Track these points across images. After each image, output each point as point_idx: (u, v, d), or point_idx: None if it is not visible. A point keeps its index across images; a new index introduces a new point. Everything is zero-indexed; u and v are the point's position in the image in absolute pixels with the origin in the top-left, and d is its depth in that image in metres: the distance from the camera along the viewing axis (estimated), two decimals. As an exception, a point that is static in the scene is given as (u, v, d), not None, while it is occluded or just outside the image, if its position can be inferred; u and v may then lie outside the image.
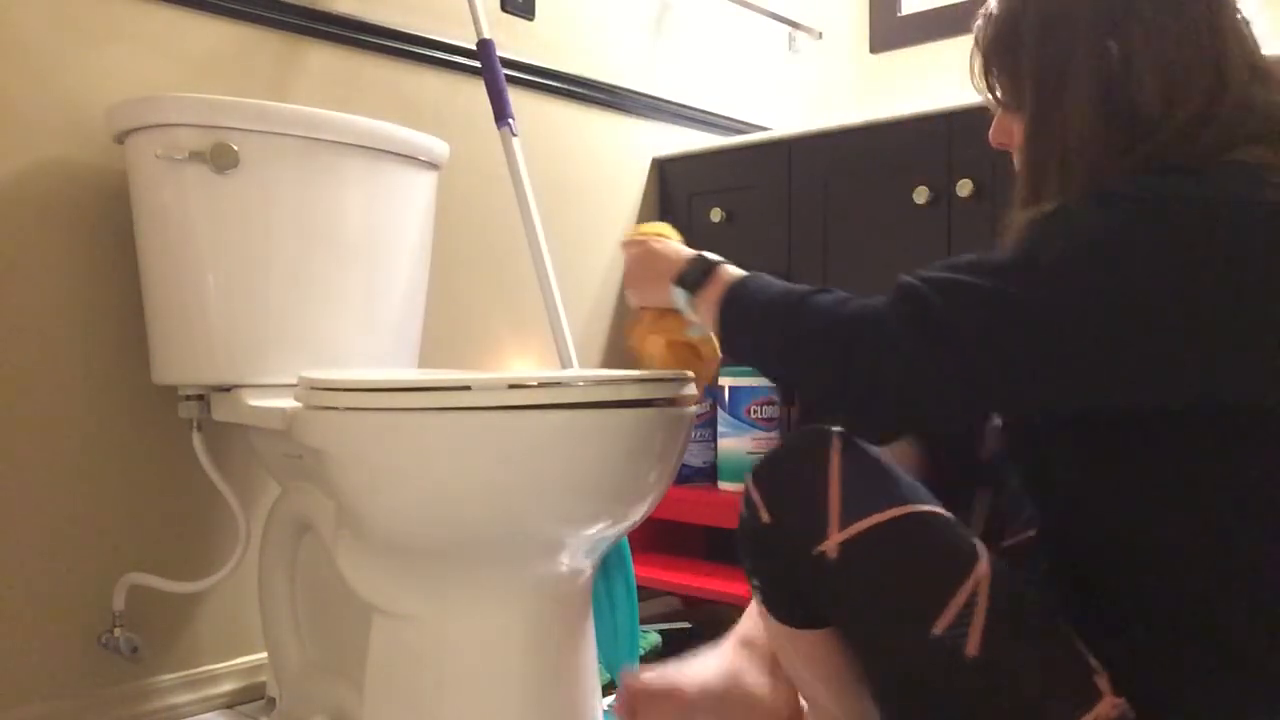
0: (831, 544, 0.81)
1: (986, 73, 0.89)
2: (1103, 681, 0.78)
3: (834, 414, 0.83)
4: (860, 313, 0.80)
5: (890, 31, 2.53)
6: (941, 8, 2.31)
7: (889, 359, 0.77)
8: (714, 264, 0.97)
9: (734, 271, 0.96)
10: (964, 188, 1.67)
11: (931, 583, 0.79)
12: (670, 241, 1.05)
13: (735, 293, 0.92)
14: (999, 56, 0.87)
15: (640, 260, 1.05)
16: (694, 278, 0.97)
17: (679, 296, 0.98)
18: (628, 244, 1.08)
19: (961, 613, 0.78)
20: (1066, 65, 0.81)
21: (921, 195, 1.73)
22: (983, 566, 0.80)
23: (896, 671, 0.83)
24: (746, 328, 0.90)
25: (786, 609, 0.89)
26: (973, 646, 0.77)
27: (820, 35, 2.49)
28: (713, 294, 0.94)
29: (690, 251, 1.00)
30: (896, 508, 0.81)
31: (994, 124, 0.92)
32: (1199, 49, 0.78)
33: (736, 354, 0.92)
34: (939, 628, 0.78)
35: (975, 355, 0.74)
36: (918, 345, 0.76)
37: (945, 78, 2.38)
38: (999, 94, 0.88)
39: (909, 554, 0.80)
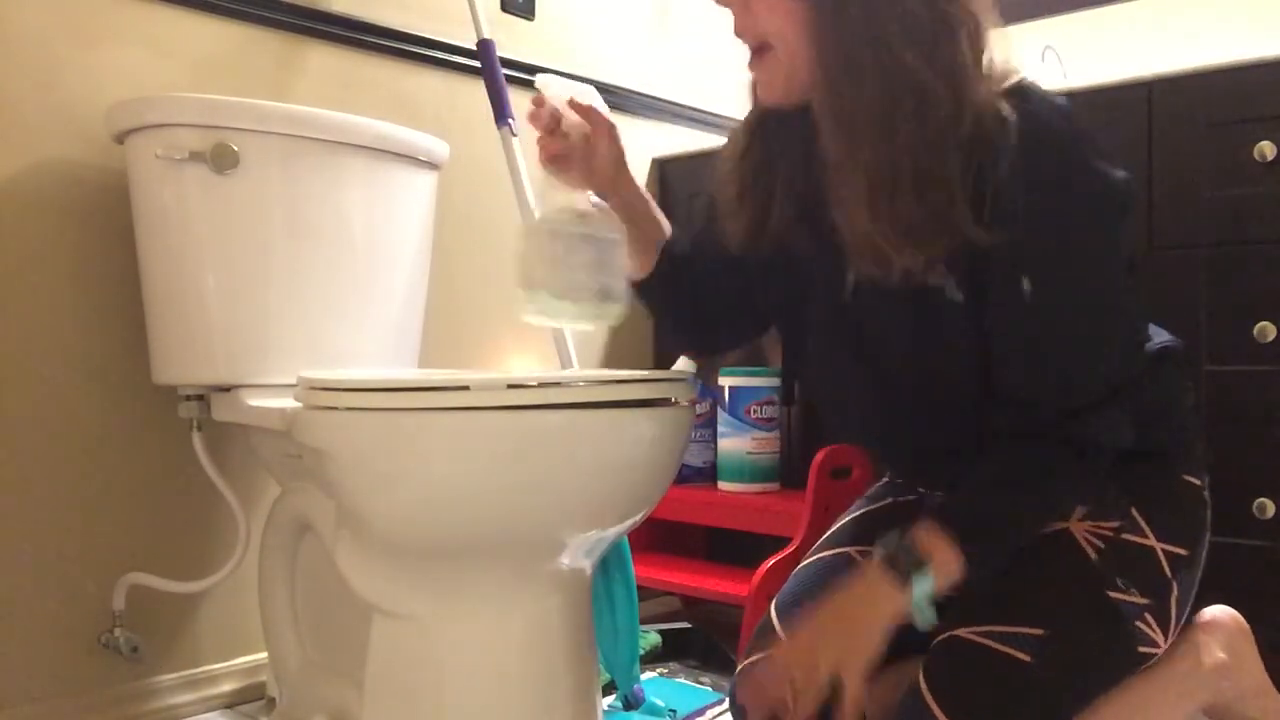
0: None
1: None
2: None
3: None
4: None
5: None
6: (941, 8, 2.31)
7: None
8: (914, 557, 0.88)
9: (936, 547, 0.88)
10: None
11: None
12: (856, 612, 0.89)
13: (975, 551, 0.88)
14: None
15: (830, 621, 0.90)
16: (919, 585, 0.87)
17: (920, 589, 0.88)
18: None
19: None
20: None
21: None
22: None
23: None
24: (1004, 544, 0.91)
25: None
26: None
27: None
28: (947, 569, 0.88)
29: (880, 591, 0.88)
30: None
31: None
32: None
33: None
34: None
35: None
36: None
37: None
38: None
39: None
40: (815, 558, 1.10)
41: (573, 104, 1.05)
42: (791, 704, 0.89)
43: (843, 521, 1.14)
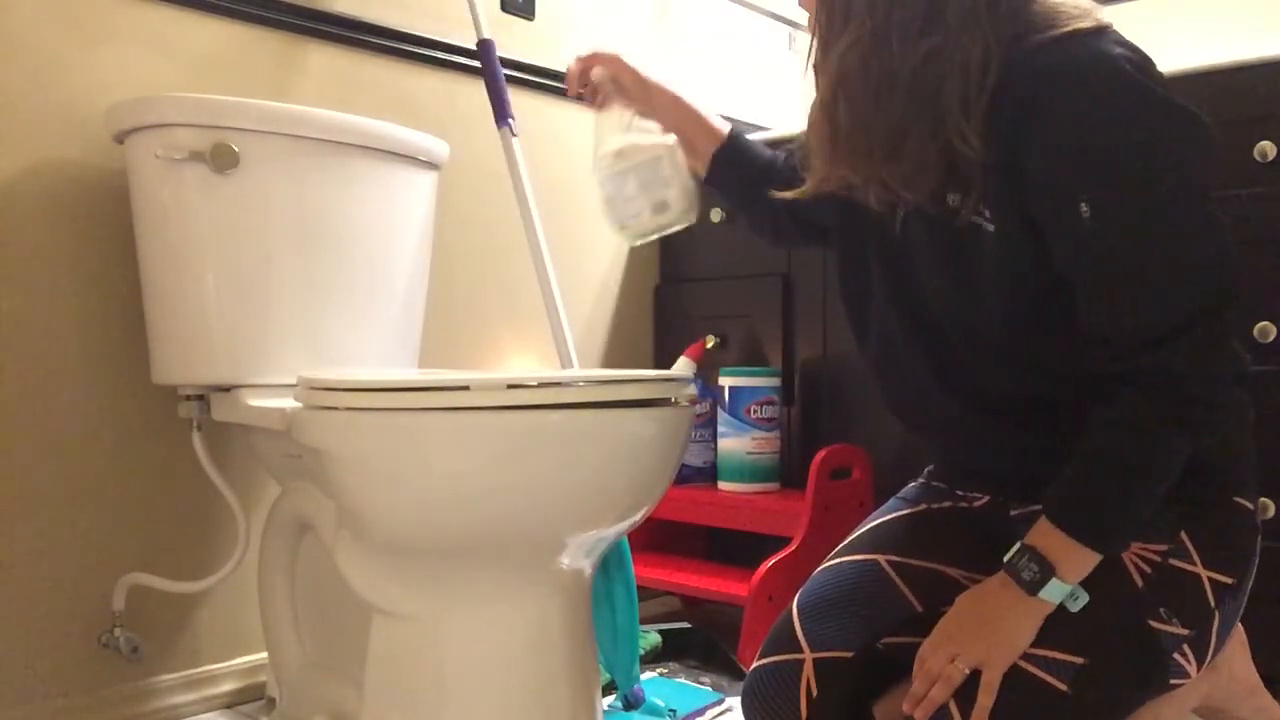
0: None
1: None
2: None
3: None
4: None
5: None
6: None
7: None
8: (1036, 557, 0.89)
9: (1060, 553, 0.89)
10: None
11: None
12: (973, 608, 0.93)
13: (1093, 523, 0.89)
14: None
15: (971, 621, 0.93)
16: (1049, 572, 0.89)
17: (1060, 593, 0.90)
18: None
19: None
20: None
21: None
22: None
23: None
24: (1123, 506, 0.89)
25: None
26: None
27: (820, 35, 2.48)
28: (1070, 553, 0.89)
29: (1003, 590, 0.91)
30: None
31: None
32: None
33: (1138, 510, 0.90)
34: None
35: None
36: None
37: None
38: None
39: None
40: (840, 561, 1.08)
41: (577, 64, 1.24)
42: (920, 691, 0.91)
43: (873, 523, 1.12)
